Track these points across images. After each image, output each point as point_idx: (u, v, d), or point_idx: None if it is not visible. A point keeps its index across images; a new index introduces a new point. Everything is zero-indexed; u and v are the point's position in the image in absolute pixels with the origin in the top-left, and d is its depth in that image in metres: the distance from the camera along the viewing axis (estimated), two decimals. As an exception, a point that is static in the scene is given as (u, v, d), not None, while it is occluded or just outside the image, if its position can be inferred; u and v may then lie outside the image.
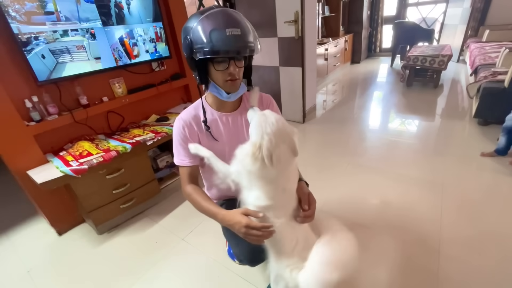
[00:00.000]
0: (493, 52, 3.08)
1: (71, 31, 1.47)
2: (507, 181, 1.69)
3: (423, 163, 2.00)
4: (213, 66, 0.81)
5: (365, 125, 2.81)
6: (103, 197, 1.56)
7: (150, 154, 2.09)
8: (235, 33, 0.74)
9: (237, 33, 0.74)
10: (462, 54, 4.59)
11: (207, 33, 0.73)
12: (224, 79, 0.83)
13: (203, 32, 0.74)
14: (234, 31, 0.74)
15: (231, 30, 0.73)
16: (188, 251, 1.46)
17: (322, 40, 4.46)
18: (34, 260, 1.52)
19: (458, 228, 1.39)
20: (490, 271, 1.17)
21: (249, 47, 0.78)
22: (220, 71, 0.81)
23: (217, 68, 0.81)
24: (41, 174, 1.38)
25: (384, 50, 5.94)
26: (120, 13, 1.66)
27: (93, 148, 1.56)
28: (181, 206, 1.81)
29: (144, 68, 1.97)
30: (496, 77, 2.31)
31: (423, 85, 3.73)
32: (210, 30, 0.73)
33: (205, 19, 0.75)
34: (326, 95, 3.97)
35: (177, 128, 0.93)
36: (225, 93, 0.86)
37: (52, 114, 1.52)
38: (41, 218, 1.79)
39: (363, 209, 1.61)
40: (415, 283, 1.16)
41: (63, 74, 1.48)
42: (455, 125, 2.53)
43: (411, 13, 5.39)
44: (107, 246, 1.55)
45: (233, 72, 0.81)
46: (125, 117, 1.93)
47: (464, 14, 4.25)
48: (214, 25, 0.73)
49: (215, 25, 0.74)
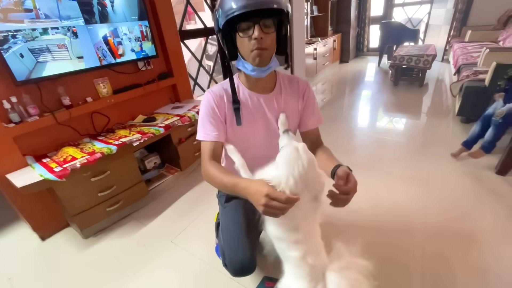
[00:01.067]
0: (474, 52, 3.18)
1: (51, 29, 1.42)
2: (489, 176, 1.75)
3: (409, 160, 2.04)
4: (239, 35, 0.76)
5: (353, 123, 2.85)
6: (88, 200, 1.52)
7: (138, 155, 2.05)
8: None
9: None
10: (446, 54, 4.72)
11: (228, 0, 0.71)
12: (250, 49, 0.76)
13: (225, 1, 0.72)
14: None
15: None
16: (177, 253, 1.44)
17: (311, 39, 4.50)
18: (15, 267, 1.46)
19: (442, 224, 1.43)
20: (474, 265, 1.20)
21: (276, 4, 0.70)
22: (245, 37, 0.75)
23: (242, 35, 0.75)
24: (21, 177, 1.33)
25: (371, 50, 6.04)
26: (103, 11, 1.62)
27: (78, 152, 1.51)
28: (170, 208, 1.79)
29: (130, 68, 1.93)
30: (477, 76, 2.38)
31: (409, 84, 3.82)
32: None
33: None
34: (316, 94, 4.00)
35: (206, 100, 0.88)
36: (251, 66, 0.79)
37: (32, 115, 1.46)
38: (23, 223, 1.73)
39: (350, 207, 1.62)
40: (400, 278, 1.18)
41: (44, 73, 1.43)
42: (440, 123, 2.60)
43: (397, 14, 5.51)
44: (93, 251, 1.51)
45: (259, 36, 0.73)
46: (111, 117, 1.89)
47: (447, 15, 4.37)
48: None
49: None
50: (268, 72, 0.84)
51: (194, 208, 1.75)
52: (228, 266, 0.93)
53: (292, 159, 0.63)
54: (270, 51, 0.80)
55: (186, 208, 1.78)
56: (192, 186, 1.97)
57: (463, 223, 1.42)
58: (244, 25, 0.74)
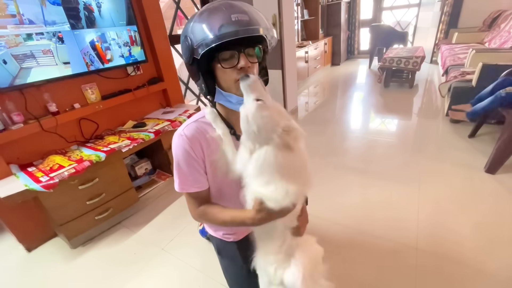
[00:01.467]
0: (462, 53, 3.24)
1: (36, 35, 1.39)
2: (479, 177, 1.76)
3: (400, 161, 2.05)
4: (220, 65, 0.65)
5: (346, 125, 2.87)
6: (76, 209, 1.48)
7: (128, 162, 2.02)
8: (242, 18, 0.61)
9: (244, 17, 0.61)
10: (435, 56, 4.82)
11: (209, 23, 0.61)
12: (234, 79, 0.66)
13: (205, 24, 0.62)
14: (241, 16, 0.61)
15: (237, 15, 0.61)
16: (168, 261, 1.40)
17: (302, 43, 4.53)
18: (0, 281, 1.41)
19: (434, 224, 1.44)
20: (467, 264, 1.20)
21: (262, 29, 0.63)
22: (229, 68, 0.65)
23: (224, 66, 0.65)
24: (4, 187, 1.28)
25: (362, 52, 6.12)
26: (90, 16, 1.60)
27: (65, 160, 1.47)
28: (161, 215, 1.75)
29: (119, 73, 1.90)
30: (464, 76, 2.42)
31: (399, 86, 3.87)
32: (213, 19, 0.61)
33: (205, 12, 0.63)
34: (308, 97, 4.03)
35: (178, 146, 0.74)
36: (235, 98, 0.68)
37: (16, 123, 1.43)
38: (8, 234, 1.67)
39: (344, 208, 1.62)
40: (394, 279, 1.18)
41: (28, 80, 1.40)
42: (430, 123, 2.64)
43: (386, 17, 5.61)
44: (81, 261, 1.47)
45: (246, 66, 0.65)
46: (100, 124, 1.85)
47: (434, 17, 4.47)
48: (217, 14, 0.62)
49: (219, 13, 0.61)
50: None
51: (185, 215, 1.72)
52: None
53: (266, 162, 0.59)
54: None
55: (177, 214, 1.74)
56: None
57: (454, 222, 1.43)
58: (226, 54, 0.64)
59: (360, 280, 1.20)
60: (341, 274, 1.22)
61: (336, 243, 1.39)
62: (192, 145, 0.73)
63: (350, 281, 1.19)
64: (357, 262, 1.28)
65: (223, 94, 0.70)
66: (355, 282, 1.19)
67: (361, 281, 1.19)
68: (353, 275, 1.22)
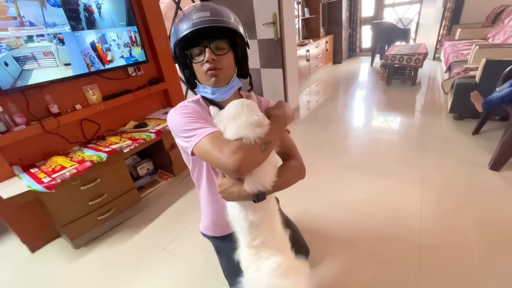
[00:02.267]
0: (465, 50, 3.21)
1: (36, 37, 1.39)
2: (483, 174, 1.74)
3: (403, 159, 2.04)
4: (192, 61, 0.74)
5: (348, 123, 2.85)
6: (78, 210, 1.48)
7: (130, 162, 2.03)
8: (203, 15, 0.68)
9: (205, 15, 0.68)
10: (437, 52, 4.77)
11: (178, 25, 0.71)
12: (204, 72, 0.73)
13: (177, 26, 0.71)
14: (202, 14, 0.68)
15: (198, 14, 0.68)
16: (170, 260, 1.41)
17: (303, 41, 4.52)
18: (4, 281, 1.42)
19: (437, 222, 1.42)
20: (471, 262, 1.19)
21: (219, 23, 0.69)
22: (199, 63, 0.73)
23: (194, 61, 0.73)
24: (7, 188, 1.29)
25: (364, 50, 6.08)
26: (90, 17, 1.60)
27: (67, 161, 1.48)
28: (163, 215, 1.76)
29: (120, 74, 1.91)
30: (468, 73, 2.40)
31: (402, 83, 3.84)
32: (181, 21, 0.70)
33: (180, 15, 0.73)
34: (310, 95, 4.01)
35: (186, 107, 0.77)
36: (210, 89, 0.75)
37: (19, 125, 1.43)
38: (12, 236, 1.69)
39: (347, 207, 1.61)
40: (397, 277, 1.17)
41: (30, 82, 1.41)
42: (433, 120, 2.61)
43: (388, 14, 5.56)
44: (84, 261, 1.48)
45: (209, 58, 0.70)
46: (101, 124, 1.86)
47: (437, 14, 4.42)
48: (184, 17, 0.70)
49: (185, 16, 0.70)
50: (230, 92, 0.79)
51: (187, 214, 1.72)
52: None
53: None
54: (226, 72, 0.75)
55: (179, 214, 1.75)
56: (185, 192, 1.95)
57: (458, 220, 1.41)
58: (196, 50, 0.72)
59: (362, 278, 1.19)
60: (343, 273, 1.21)
61: (338, 241, 1.38)
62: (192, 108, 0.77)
63: (352, 279, 1.18)
64: (359, 260, 1.27)
65: (201, 87, 0.78)
66: (357, 280, 1.18)
67: (363, 279, 1.18)
68: (355, 274, 1.21)
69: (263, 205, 0.70)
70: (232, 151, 0.60)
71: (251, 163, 0.63)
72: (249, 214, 0.69)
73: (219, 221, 0.94)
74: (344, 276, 1.20)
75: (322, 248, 1.34)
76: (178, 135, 0.75)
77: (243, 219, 0.70)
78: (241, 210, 0.70)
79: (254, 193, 0.66)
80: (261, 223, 0.71)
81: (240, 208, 0.70)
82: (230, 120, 0.66)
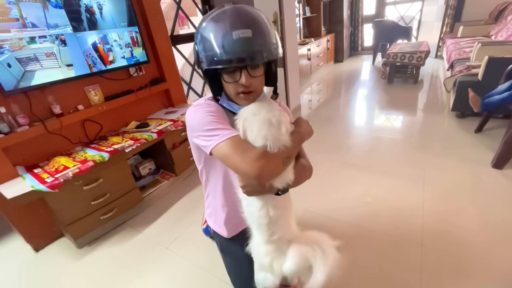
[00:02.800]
0: (467, 47, 3.18)
1: (39, 38, 1.41)
2: (486, 172, 1.73)
3: (405, 158, 2.03)
4: (223, 78, 0.68)
5: (349, 122, 2.85)
6: (81, 209, 1.50)
7: (132, 162, 2.04)
8: (245, 35, 0.59)
9: (247, 35, 0.59)
10: (440, 50, 4.74)
11: (210, 39, 0.61)
12: (236, 92, 0.68)
13: (206, 39, 0.62)
14: (244, 33, 0.59)
15: (239, 32, 0.59)
16: (172, 259, 1.41)
17: (305, 40, 4.51)
18: (8, 280, 1.44)
19: (440, 220, 1.42)
20: (474, 261, 1.18)
21: (264, 50, 0.62)
22: (231, 83, 0.67)
23: (226, 80, 0.67)
24: (11, 189, 1.31)
25: (366, 49, 6.06)
26: (92, 18, 1.61)
27: (70, 161, 1.50)
28: (165, 214, 1.77)
29: (121, 74, 1.92)
30: (470, 70, 2.38)
31: (403, 81, 3.82)
32: (213, 35, 0.61)
33: (211, 21, 0.62)
34: (311, 94, 4.01)
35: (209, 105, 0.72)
36: (237, 106, 0.71)
37: (22, 125, 1.45)
38: (16, 235, 1.70)
39: (348, 206, 1.61)
40: (399, 275, 1.16)
41: (32, 82, 1.42)
42: (435, 119, 2.60)
43: (389, 12, 5.54)
44: (87, 260, 1.49)
45: (246, 83, 0.65)
46: (103, 125, 1.87)
47: (439, 11, 4.40)
48: (219, 28, 0.61)
49: (220, 27, 0.60)
50: None
51: (189, 214, 1.73)
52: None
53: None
54: (258, 92, 0.72)
55: (181, 214, 1.76)
56: (187, 192, 1.95)
57: (461, 218, 1.41)
58: (230, 69, 0.65)
59: (365, 277, 1.19)
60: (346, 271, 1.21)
61: (340, 240, 1.38)
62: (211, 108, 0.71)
63: (355, 278, 1.18)
64: (361, 259, 1.27)
65: (226, 101, 0.73)
66: (359, 279, 1.18)
67: (366, 278, 1.18)
68: (358, 272, 1.21)
69: (283, 201, 0.71)
70: (255, 158, 0.59)
71: (273, 173, 0.62)
72: (270, 210, 0.70)
73: (231, 219, 0.94)
74: (346, 274, 1.19)
75: (324, 247, 1.34)
76: (197, 133, 0.70)
77: (264, 215, 0.70)
78: (262, 207, 0.70)
79: (281, 188, 0.67)
80: (280, 218, 0.72)
81: (261, 205, 0.70)
82: (250, 116, 0.64)
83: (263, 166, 0.59)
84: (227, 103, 0.73)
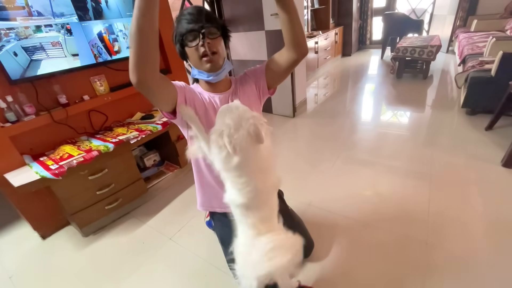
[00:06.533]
0: (480, 42, 3.09)
1: (44, 27, 1.40)
2: (495, 171, 1.69)
3: (412, 154, 1.99)
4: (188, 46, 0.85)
5: (356, 117, 2.80)
6: (87, 199, 1.52)
7: (137, 153, 2.05)
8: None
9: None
10: (452, 45, 4.61)
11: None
12: (199, 56, 0.84)
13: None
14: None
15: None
16: (175, 250, 1.43)
17: (312, 33, 4.42)
18: (16, 265, 1.48)
19: (446, 219, 1.39)
20: (479, 261, 1.17)
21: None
22: (193, 47, 0.84)
23: (190, 46, 0.85)
24: (18, 177, 1.32)
25: (374, 42, 5.93)
26: (97, 8, 1.60)
27: (74, 149, 1.51)
28: (169, 206, 1.78)
29: (127, 65, 1.87)
30: (483, 66, 2.31)
31: (413, 77, 3.73)
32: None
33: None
34: (318, 88, 3.95)
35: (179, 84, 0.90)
36: (206, 73, 0.88)
37: (29, 115, 1.46)
38: (24, 222, 1.74)
39: (353, 202, 1.60)
40: (403, 274, 1.15)
41: (38, 72, 1.42)
42: (444, 115, 2.54)
43: (400, 4, 5.38)
44: (92, 249, 1.51)
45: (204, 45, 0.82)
46: (109, 115, 1.88)
47: (452, 4, 4.25)
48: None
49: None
50: (224, 73, 0.92)
51: (192, 206, 1.73)
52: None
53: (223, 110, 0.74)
54: (220, 54, 0.87)
55: (185, 205, 1.77)
56: (191, 184, 1.96)
57: (468, 218, 1.38)
58: (190, 36, 0.83)
59: (367, 273, 1.18)
60: (348, 269, 1.21)
61: (344, 236, 1.37)
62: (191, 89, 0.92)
63: (358, 275, 1.18)
64: (365, 256, 1.26)
65: (196, 71, 0.90)
66: (363, 276, 1.17)
67: (368, 276, 1.17)
68: (361, 270, 1.20)
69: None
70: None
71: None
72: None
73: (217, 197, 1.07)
74: (349, 271, 1.19)
75: (328, 242, 1.34)
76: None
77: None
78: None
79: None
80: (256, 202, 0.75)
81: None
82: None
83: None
84: (198, 73, 0.90)
